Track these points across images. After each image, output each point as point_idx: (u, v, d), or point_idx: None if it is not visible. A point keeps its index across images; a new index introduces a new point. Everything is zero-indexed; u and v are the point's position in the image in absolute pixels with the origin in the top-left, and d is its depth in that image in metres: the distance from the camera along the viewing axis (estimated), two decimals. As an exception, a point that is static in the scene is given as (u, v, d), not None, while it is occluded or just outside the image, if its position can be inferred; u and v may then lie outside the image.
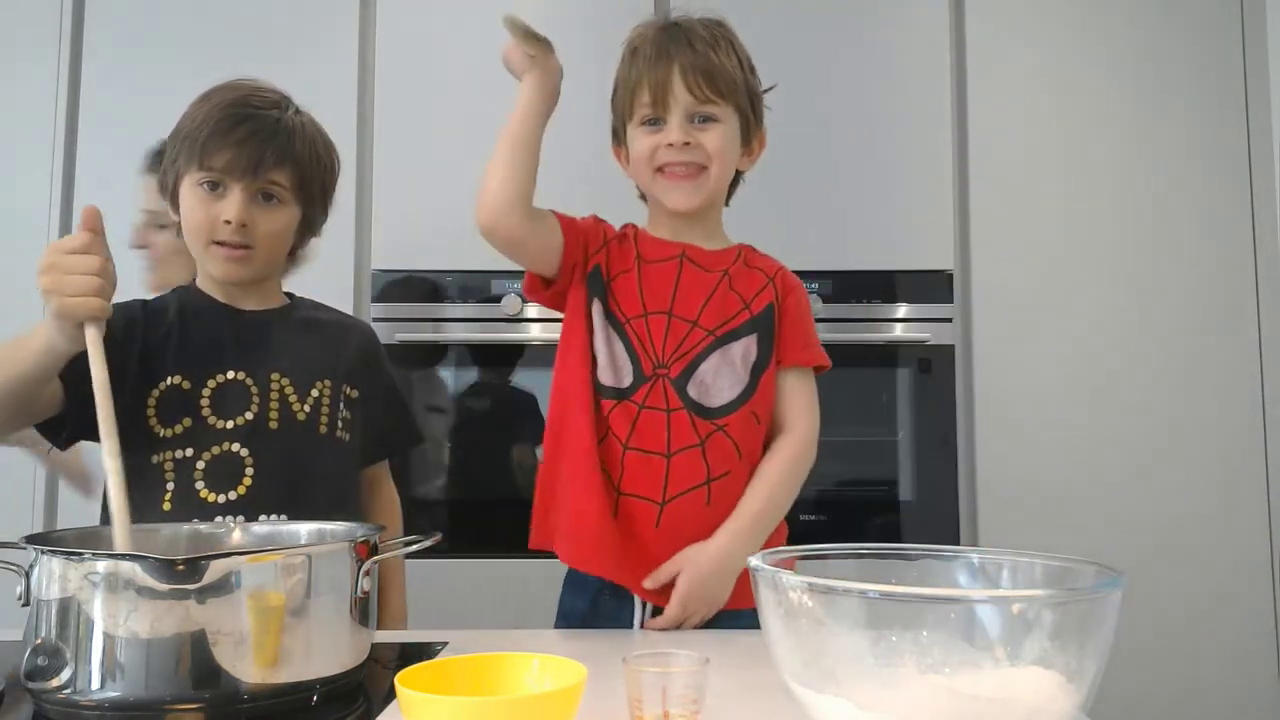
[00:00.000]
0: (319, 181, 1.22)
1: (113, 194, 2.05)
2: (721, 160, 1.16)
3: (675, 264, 1.19)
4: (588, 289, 1.17)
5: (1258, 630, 2.07)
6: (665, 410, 1.13)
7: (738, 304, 1.18)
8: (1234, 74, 2.17)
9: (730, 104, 1.15)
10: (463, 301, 2.09)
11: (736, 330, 1.16)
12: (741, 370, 1.15)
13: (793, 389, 1.19)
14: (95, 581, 0.74)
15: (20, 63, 2.12)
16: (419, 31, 2.15)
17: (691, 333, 1.16)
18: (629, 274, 1.18)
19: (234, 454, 1.14)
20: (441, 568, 1.87)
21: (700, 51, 1.14)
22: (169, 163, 1.18)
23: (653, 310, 1.16)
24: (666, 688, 0.68)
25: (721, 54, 1.14)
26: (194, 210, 1.15)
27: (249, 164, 1.13)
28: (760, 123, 1.21)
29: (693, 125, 1.15)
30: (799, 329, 1.20)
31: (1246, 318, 2.13)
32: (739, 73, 1.16)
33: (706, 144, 1.14)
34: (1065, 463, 2.08)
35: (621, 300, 1.17)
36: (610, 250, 1.19)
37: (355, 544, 0.85)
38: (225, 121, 1.13)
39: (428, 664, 0.72)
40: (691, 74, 1.13)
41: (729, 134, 1.16)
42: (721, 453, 1.13)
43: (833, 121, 2.16)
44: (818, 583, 0.62)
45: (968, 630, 0.60)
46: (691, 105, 1.14)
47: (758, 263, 1.23)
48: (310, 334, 1.26)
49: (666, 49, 1.15)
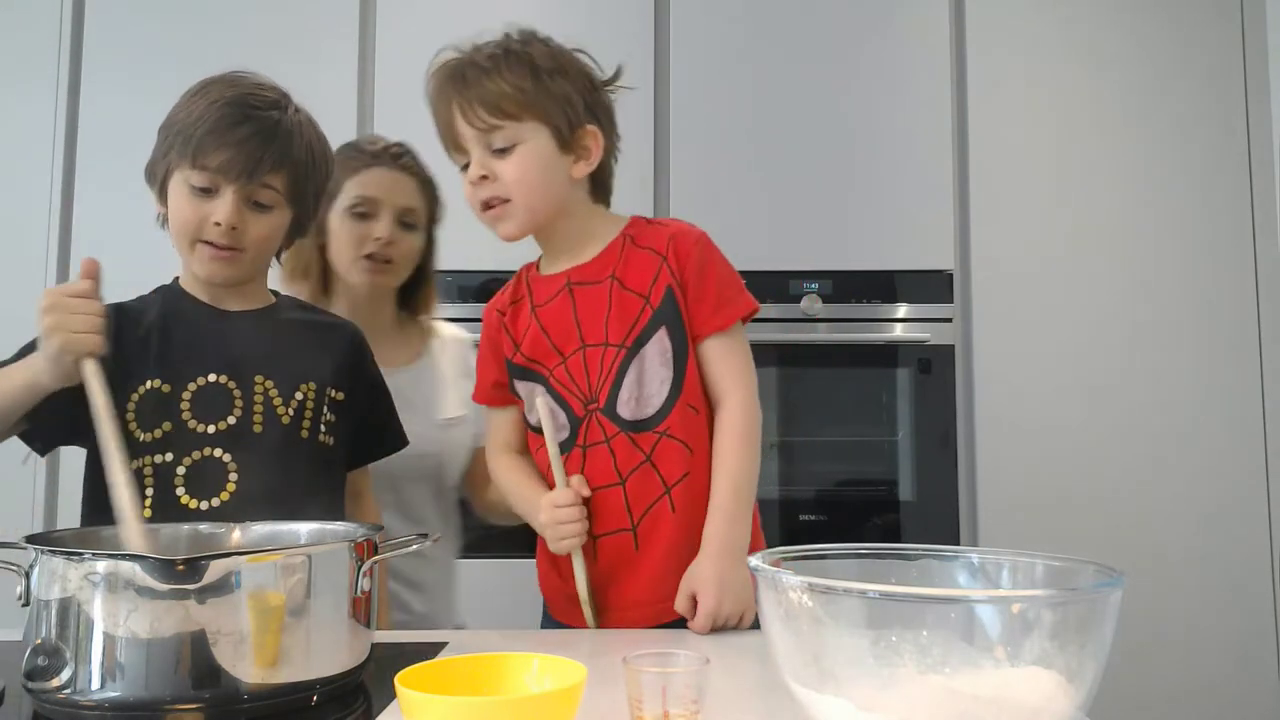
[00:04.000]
0: (313, 185, 1.20)
1: (113, 195, 2.07)
2: (524, 185, 1.11)
3: (565, 295, 1.17)
4: (507, 376, 1.21)
5: (1258, 630, 2.07)
6: (605, 441, 1.12)
7: (637, 304, 1.13)
8: (1234, 74, 2.17)
9: (527, 120, 1.11)
10: (463, 301, 2.09)
11: (644, 332, 1.13)
12: (663, 369, 1.13)
13: (715, 358, 1.14)
14: (95, 581, 0.74)
15: (20, 72, 2.13)
16: (419, 32, 2.14)
17: (605, 354, 1.13)
18: (531, 329, 1.18)
19: (216, 459, 1.11)
20: (441, 568, 1.87)
21: (474, 81, 1.11)
22: (159, 154, 1.14)
23: (568, 351, 1.15)
24: (666, 688, 0.68)
25: (503, 75, 1.10)
26: (182, 208, 1.11)
27: (245, 167, 1.10)
28: (587, 121, 1.14)
29: (493, 156, 1.11)
30: (705, 295, 1.13)
31: (1246, 318, 2.13)
32: (532, 84, 1.10)
33: (504, 174, 1.11)
34: (1065, 462, 2.08)
35: (535, 354, 1.17)
36: (507, 325, 1.21)
37: (355, 544, 0.85)
38: (224, 120, 1.10)
39: (428, 664, 0.72)
40: (469, 108, 1.10)
41: (533, 153, 1.11)
42: (672, 458, 1.12)
43: (833, 122, 2.16)
44: (818, 583, 0.62)
45: (968, 630, 0.60)
46: (481, 138, 1.11)
47: (647, 240, 1.17)
48: (295, 335, 1.23)
49: (444, 90, 1.13)
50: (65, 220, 2.09)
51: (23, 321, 1.04)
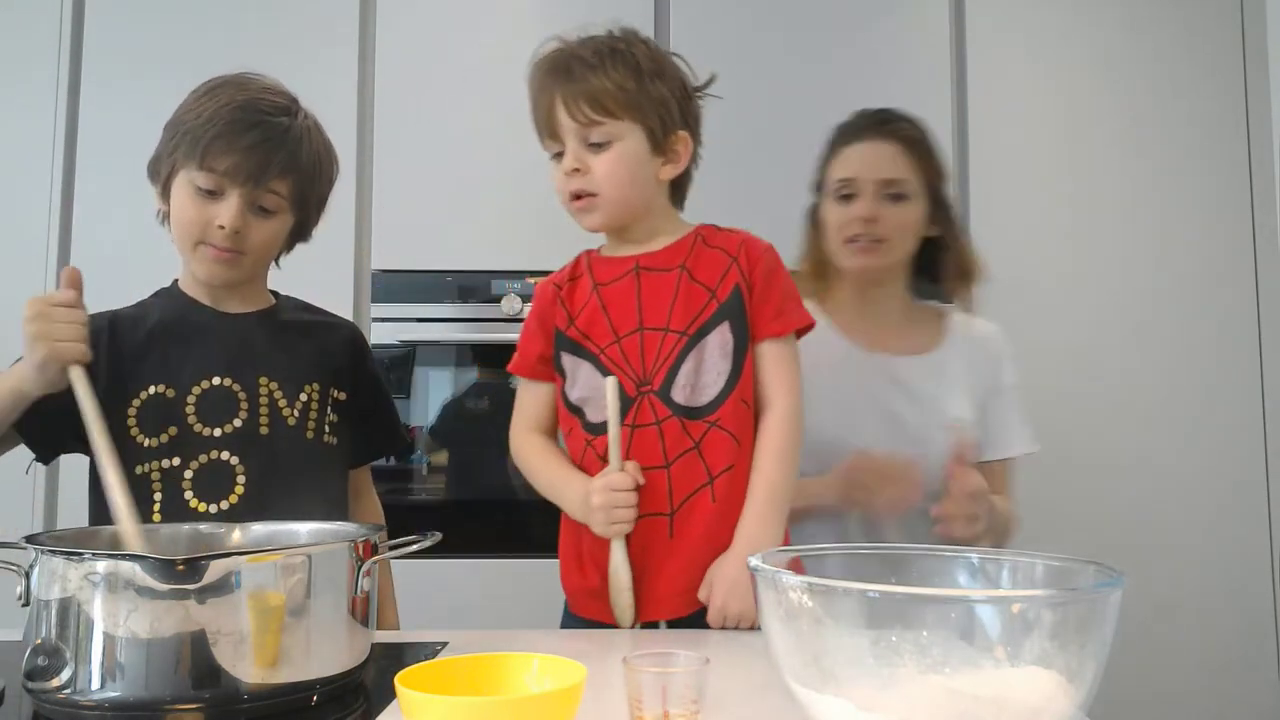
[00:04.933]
0: (317, 191, 1.20)
1: (113, 195, 2.07)
2: (615, 182, 1.14)
3: (631, 279, 1.18)
4: (554, 347, 1.21)
5: (1258, 630, 2.06)
6: (656, 423, 1.13)
7: (704, 296, 1.16)
8: (1234, 74, 2.17)
9: (626, 120, 1.13)
10: (463, 301, 2.09)
11: (707, 323, 1.15)
12: (722, 361, 1.14)
13: (768, 362, 1.16)
14: (95, 581, 0.74)
15: (20, 72, 2.12)
16: (419, 32, 2.15)
17: (665, 339, 1.15)
18: (590, 304, 1.19)
19: (224, 462, 1.11)
20: (441, 568, 1.87)
21: (580, 75, 1.12)
22: (164, 152, 1.14)
23: (624, 332, 1.16)
24: (666, 688, 0.68)
25: (608, 73, 1.12)
26: (186, 208, 1.11)
27: (251, 172, 1.10)
28: (680, 126, 1.17)
29: (588, 150, 1.14)
30: (770, 299, 1.16)
31: (1246, 318, 2.13)
32: (633, 85, 1.13)
33: (596, 169, 1.13)
34: (1065, 462, 2.07)
35: (591, 332, 1.18)
36: (563, 298, 1.22)
37: (355, 544, 0.85)
38: (234, 125, 1.09)
39: (428, 664, 0.72)
40: (573, 102, 1.12)
41: (627, 152, 1.14)
42: (719, 448, 1.13)
43: (833, 121, 2.16)
44: (818, 583, 0.62)
45: (967, 630, 0.60)
46: (580, 131, 1.13)
47: (718, 241, 1.20)
48: (297, 336, 1.23)
49: (547, 81, 1.15)
50: (65, 220, 2.09)
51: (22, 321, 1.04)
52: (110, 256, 2.01)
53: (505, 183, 2.08)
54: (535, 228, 2.12)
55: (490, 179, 2.09)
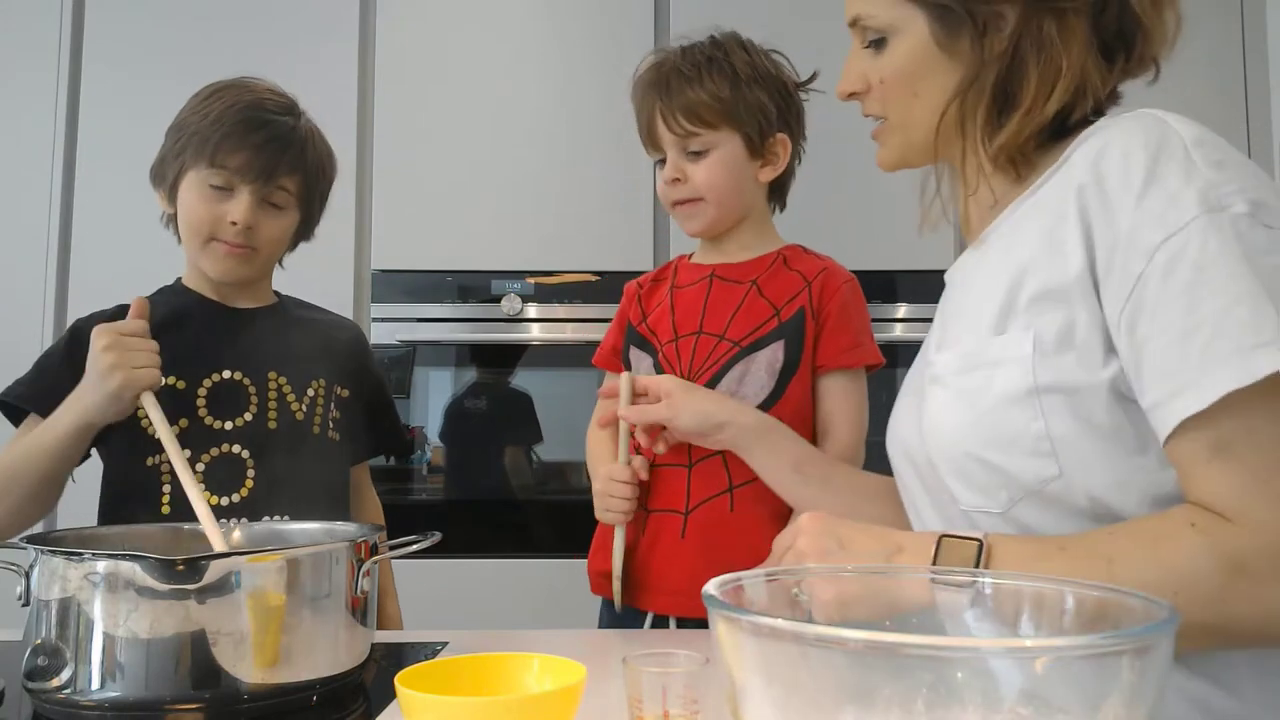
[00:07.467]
0: (321, 190, 1.24)
1: (113, 195, 2.07)
2: (714, 188, 1.17)
3: (705, 284, 1.21)
4: (624, 341, 1.26)
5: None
6: None
7: (766, 311, 1.17)
8: (1234, 74, 2.17)
9: (723, 129, 1.16)
10: (463, 301, 2.09)
11: (762, 339, 1.16)
12: (767, 378, 1.15)
13: (832, 393, 1.17)
14: (95, 581, 0.74)
15: (20, 72, 2.12)
16: (419, 32, 2.15)
17: (718, 346, 1.17)
18: (663, 304, 1.23)
19: (234, 455, 1.14)
20: (441, 568, 1.87)
21: (677, 89, 1.15)
22: (170, 155, 1.16)
23: (684, 333, 1.19)
24: (666, 688, 0.67)
25: (705, 83, 1.15)
26: (197, 207, 1.14)
27: (263, 169, 1.13)
28: (778, 129, 1.20)
29: (687, 159, 1.17)
30: (844, 330, 1.17)
31: (1246, 318, 2.13)
32: (730, 94, 1.15)
33: (695, 177, 1.16)
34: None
35: (657, 328, 1.22)
36: (642, 296, 1.27)
37: (355, 544, 0.85)
38: (243, 125, 1.13)
39: (428, 664, 0.72)
40: (670, 115, 1.15)
41: (725, 158, 1.16)
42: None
43: (832, 121, 2.16)
44: (779, 626, 0.44)
45: (978, 688, 0.40)
46: (679, 142, 1.16)
47: (799, 264, 1.21)
48: (303, 333, 1.25)
49: (648, 94, 1.18)
50: (65, 220, 2.08)
51: (23, 322, 1.04)
52: (110, 254, 2.01)
53: (505, 183, 2.08)
54: (535, 228, 2.12)
55: (490, 179, 2.10)
